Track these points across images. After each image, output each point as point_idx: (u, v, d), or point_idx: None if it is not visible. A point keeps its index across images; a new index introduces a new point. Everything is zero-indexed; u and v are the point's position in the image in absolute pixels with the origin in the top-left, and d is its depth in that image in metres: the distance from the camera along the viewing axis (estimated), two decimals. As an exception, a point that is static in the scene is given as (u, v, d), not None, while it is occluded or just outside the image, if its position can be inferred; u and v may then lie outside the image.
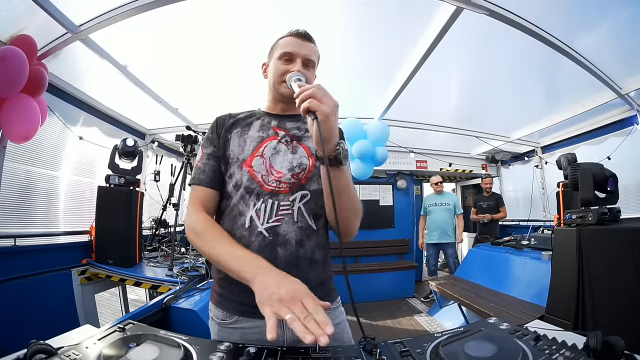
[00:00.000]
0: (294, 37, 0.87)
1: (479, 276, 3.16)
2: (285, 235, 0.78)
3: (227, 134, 0.87)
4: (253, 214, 0.79)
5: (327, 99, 0.65)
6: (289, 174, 0.81)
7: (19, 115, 1.92)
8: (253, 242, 0.77)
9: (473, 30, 2.15)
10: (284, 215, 0.79)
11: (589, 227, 1.78)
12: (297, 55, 0.85)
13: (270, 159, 0.82)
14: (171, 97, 3.09)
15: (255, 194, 0.80)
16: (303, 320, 0.51)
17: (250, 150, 0.83)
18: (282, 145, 0.85)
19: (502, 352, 0.54)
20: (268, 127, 0.88)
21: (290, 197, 0.80)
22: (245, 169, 0.81)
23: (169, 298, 1.76)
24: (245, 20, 2.12)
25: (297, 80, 0.76)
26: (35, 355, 0.49)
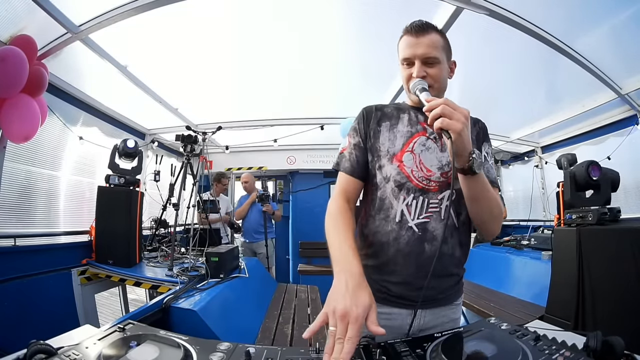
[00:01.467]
0: (407, 35, 0.84)
1: (479, 276, 3.16)
2: (433, 232, 0.82)
3: (376, 126, 0.89)
4: (404, 208, 0.83)
5: (457, 114, 0.66)
6: (439, 173, 0.84)
7: (19, 115, 1.92)
8: (403, 236, 0.82)
9: (473, 31, 2.14)
10: (433, 213, 0.82)
11: (589, 227, 1.78)
12: (414, 58, 0.82)
13: (420, 155, 0.84)
14: (171, 97, 3.09)
15: (406, 188, 0.83)
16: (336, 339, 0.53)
17: (401, 145, 0.86)
18: (430, 142, 0.86)
19: (502, 352, 0.54)
20: (416, 122, 0.88)
21: (439, 195, 0.83)
22: (395, 163, 0.84)
23: (169, 298, 1.75)
24: (245, 20, 2.12)
25: (422, 90, 0.76)
26: (35, 355, 0.49)
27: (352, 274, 0.64)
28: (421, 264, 0.81)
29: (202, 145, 2.96)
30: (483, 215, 0.80)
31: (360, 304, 0.58)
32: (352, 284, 0.62)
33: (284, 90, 3.15)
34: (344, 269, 0.65)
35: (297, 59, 2.61)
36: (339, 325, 0.55)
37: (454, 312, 0.89)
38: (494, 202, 0.79)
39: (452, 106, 0.67)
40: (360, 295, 0.60)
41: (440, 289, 0.85)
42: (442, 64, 0.84)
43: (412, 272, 0.81)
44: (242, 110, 3.51)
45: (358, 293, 0.61)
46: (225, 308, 1.94)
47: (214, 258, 2.21)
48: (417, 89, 0.77)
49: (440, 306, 0.85)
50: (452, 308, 0.88)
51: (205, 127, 3.45)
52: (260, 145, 4.58)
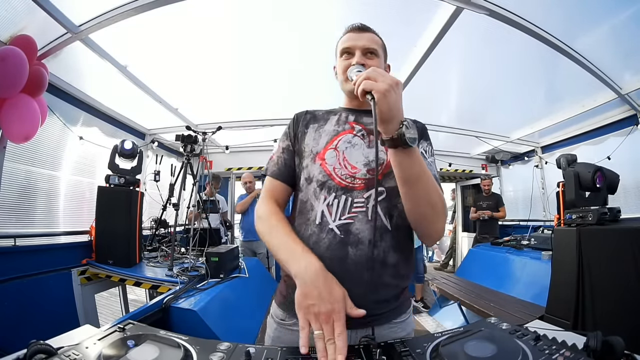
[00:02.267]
0: (349, 32, 0.87)
1: (479, 276, 3.16)
2: (357, 235, 0.73)
3: (304, 128, 0.87)
4: (324, 208, 0.76)
5: (383, 77, 0.60)
6: (365, 169, 0.77)
7: (19, 115, 1.92)
8: (323, 240, 0.74)
9: (473, 30, 2.14)
10: (358, 213, 0.74)
11: (589, 227, 1.78)
12: (355, 48, 0.83)
13: (344, 152, 0.79)
14: (171, 97, 3.09)
15: (327, 187, 0.77)
16: (326, 341, 0.53)
17: (324, 143, 0.82)
18: (357, 138, 0.81)
19: (502, 352, 0.54)
20: (345, 122, 0.86)
21: (364, 193, 0.75)
22: (318, 161, 0.80)
23: (169, 298, 1.75)
24: (245, 20, 2.12)
25: (357, 72, 0.72)
26: (35, 355, 0.49)
27: (316, 270, 0.62)
28: (346, 270, 0.69)
29: (202, 145, 2.96)
30: (421, 206, 0.68)
31: (338, 299, 0.58)
32: (320, 282, 0.60)
33: (284, 90, 3.15)
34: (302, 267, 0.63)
35: (297, 59, 2.61)
36: (325, 327, 0.54)
37: (394, 332, 0.75)
38: (434, 190, 0.68)
39: (379, 71, 0.62)
40: (333, 288, 0.60)
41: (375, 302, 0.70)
42: (380, 59, 0.85)
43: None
44: (242, 110, 3.51)
45: (331, 288, 0.60)
46: (225, 308, 1.94)
47: (214, 258, 2.21)
48: (354, 72, 0.73)
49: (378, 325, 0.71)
50: (393, 327, 0.75)
51: (205, 127, 3.45)
52: (260, 145, 4.58)
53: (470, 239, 4.83)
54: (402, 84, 0.63)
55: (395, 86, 0.60)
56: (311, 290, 0.59)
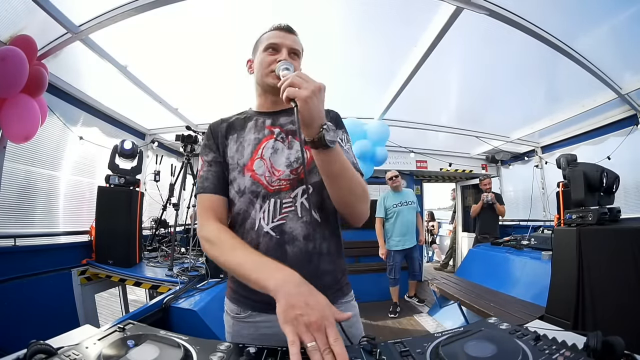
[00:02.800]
0: (277, 30, 0.88)
1: (479, 276, 3.16)
2: (291, 233, 0.78)
3: (224, 140, 0.87)
4: (260, 215, 0.79)
5: (307, 83, 0.64)
6: (288, 170, 0.81)
7: (19, 115, 1.92)
8: (261, 243, 0.78)
9: (473, 30, 2.15)
10: (288, 213, 0.79)
11: (589, 227, 1.78)
12: (282, 46, 0.85)
13: (270, 159, 0.82)
14: (171, 97, 3.09)
15: (262, 196, 0.80)
16: (322, 352, 0.50)
17: (250, 153, 0.83)
18: (278, 143, 0.84)
19: (502, 352, 0.54)
20: (263, 127, 0.87)
21: (291, 193, 0.80)
22: (247, 173, 0.81)
23: (169, 298, 1.76)
24: (245, 20, 2.12)
25: (284, 70, 0.75)
26: (35, 355, 0.49)
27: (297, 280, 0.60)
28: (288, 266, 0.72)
29: (202, 145, 2.96)
30: (345, 196, 0.76)
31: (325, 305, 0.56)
32: (305, 290, 0.59)
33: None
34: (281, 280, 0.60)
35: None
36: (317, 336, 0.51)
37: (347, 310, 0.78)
38: (355, 180, 0.75)
39: (304, 77, 0.65)
40: (318, 296, 0.58)
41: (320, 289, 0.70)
42: (300, 61, 0.90)
43: None
44: (242, 110, 3.50)
45: (316, 296, 0.58)
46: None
47: (214, 258, 2.21)
48: (282, 68, 0.76)
49: None
50: (339, 307, 0.80)
51: (205, 127, 3.44)
52: (260, 145, 4.57)
53: (470, 239, 4.83)
54: (324, 88, 0.66)
55: (317, 92, 0.64)
56: (297, 300, 0.56)
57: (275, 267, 0.64)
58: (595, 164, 1.99)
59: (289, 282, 0.60)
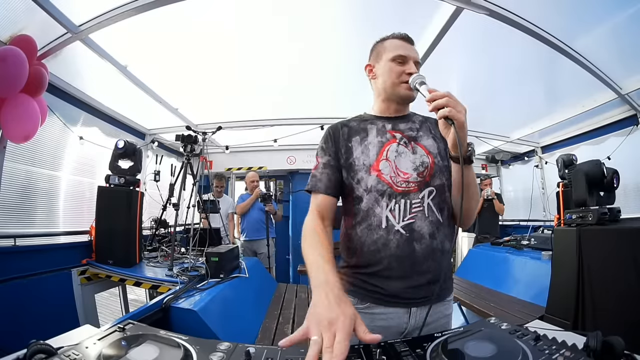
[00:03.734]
0: (401, 40, 0.94)
1: (479, 276, 3.16)
2: (420, 231, 0.84)
3: (346, 142, 0.93)
4: (388, 214, 0.85)
5: (460, 107, 0.73)
6: (415, 174, 0.87)
7: (19, 115, 1.92)
8: (392, 240, 0.84)
9: (473, 30, 2.15)
10: (417, 212, 0.85)
11: (589, 227, 1.78)
12: (409, 58, 0.91)
13: (394, 161, 0.89)
14: (171, 97, 3.09)
15: (387, 195, 0.86)
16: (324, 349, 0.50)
17: (375, 155, 0.89)
18: (402, 147, 0.91)
19: (502, 352, 0.54)
20: (384, 131, 0.93)
21: (419, 195, 0.86)
22: (373, 173, 0.87)
23: (169, 298, 1.75)
24: (245, 20, 2.12)
25: (421, 84, 0.83)
26: (35, 355, 0.49)
27: (331, 287, 0.63)
28: (415, 262, 0.83)
29: (202, 145, 2.96)
30: (471, 202, 0.85)
31: (344, 313, 0.56)
32: (332, 296, 0.60)
33: (284, 90, 3.15)
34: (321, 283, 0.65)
35: (297, 59, 2.61)
36: (325, 334, 0.52)
37: (446, 309, 0.91)
38: (477, 191, 0.88)
39: (454, 99, 0.74)
40: (343, 305, 0.59)
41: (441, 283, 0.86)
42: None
43: (408, 273, 0.83)
44: (242, 110, 3.51)
45: (340, 303, 0.59)
46: (225, 308, 1.94)
47: (214, 258, 2.21)
48: (417, 82, 0.84)
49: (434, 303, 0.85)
50: (445, 304, 0.90)
51: (205, 127, 3.45)
52: (260, 145, 4.58)
53: (471, 239, 4.83)
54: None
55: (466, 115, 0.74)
56: (321, 300, 0.59)
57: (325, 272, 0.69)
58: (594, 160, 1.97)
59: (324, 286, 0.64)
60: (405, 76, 0.89)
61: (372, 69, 0.98)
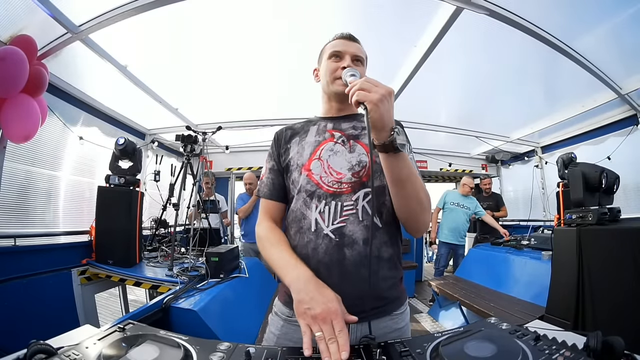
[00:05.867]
0: (340, 39, 0.93)
1: (479, 276, 3.16)
2: (351, 236, 0.77)
3: (286, 145, 0.91)
4: (317, 216, 0.80)
5: (376, 87, 0.64)
6: (349, 174, 0.81)
7: (19, 115, 1.92)
8: (320, 245, 0.78)
9: (473, 30, 2.14)
10: (349, 216, 0.78)
11: (589, 227, 1.78)
12: (345, 53, 0.89)
13: (327, 160, 0.84)
14: (171, 97, 3.09)
15: (317, 196, 0.81)
16: (327, 341, 0.54)
17: (308, 154, 0.86)
18: (339, 145, 0.86)
19: (502, 352, 0.54)
20: (324, 131, 0.89)
21: (352, 196, 0.79)
22: (304, 173, 0.84)
23: (169, 298, 1.75)
24: (245, 21, 2.12)
25: (351, 76, 0.76)
26: (35, 355, 0.49)
27: (306, 278, 0.66)
28: (345, 270, 0.75)
29: (202, 145, 2.96)
30: (410, 203, 0.74)
31: (331, 299, 0.61)
32: (312, 286, 0.64)
33: (284, 90, 3.15)
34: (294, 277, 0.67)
35: (297, 59, 2.61)
36: (323, 327, 0.56)
37: (395, 323, 0.81)
38: (422, 187, 0.74)
39: (373, 82, 0.65)
40: (325, 292, 0.63)
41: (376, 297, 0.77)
42: (364, 67, 0.93)
43: (337, 282, 0.72)
44: (242, 110, 3.51)
45: (322, 291, 0.63)
46: (225, 308, 1.94)
47: (214, 258, 2.21)
48: (348, 74, 0.77)
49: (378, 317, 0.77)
50: (393, 318, 0.80)
51: (205, 127, 3.45)
52: (260, 145, 4.58)
53: (471, 239, 4.83)
54: (394, 92, 0.66)
55: (387, 96, 0.64)
56: (304, 295, 0.62)
57: (293, 264, 0.71)
58: (595, 165, 1.98)
59: (299, 279, 0.66)
60: (340, 71, 0.85)
61: (317, 72, 0.97)
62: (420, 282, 5.12)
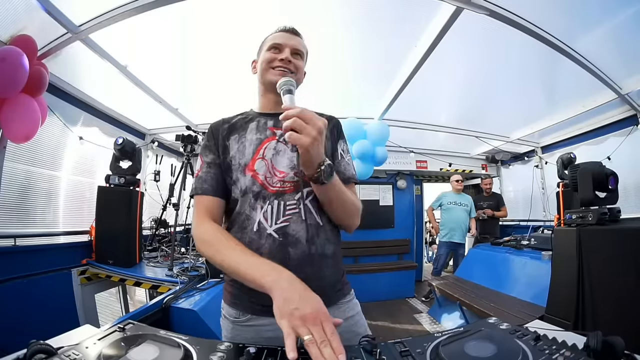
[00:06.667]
0: (282, 32, 0.91)
1: (479, 276, 3.16)
2: (295, 235, 0.77)
3: (225, 141, 0.86)
4: (261, 217, 0.78)
5: (308, 128, 0.64)
6: (292, 173, 0.80)
7: (19, 115, 1.92)
8: (263, 245, 0.77)
9: (473, 30, 2.15)
10: (292, 215, 0.78)
11: (589, 227, 1.78)
12: (285, 46, 0.87)
13: (271, 159, 0.82)
14: (171, 97, 3.09)
15: (262, 197, 0.79)
16: (320, 344, 0.50)
17: (251, 153, 0.83)
18: (281, 144, 0.84)
19: (502, 352, 0.54)
20: (265, 128, 0.87)
21: (295, 195, 0.79)
22: (248, 173, 0.81)
23: (169, 298, 1.75)
24: (245, 21, 2.12)
25: (286, 92, 0.74)
26: (35, 355, 0.49)
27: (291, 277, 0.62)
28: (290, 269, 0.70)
29: (202, 145, 2.96)
30: (338, 216, 0.82)
31: (318, 301, 0.58)
32: (299, 286, 0.60)
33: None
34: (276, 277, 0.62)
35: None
36: (314, 330, 0.52)
37: (347, 310, 0.84)
38: (348, 203, 0.81)
39: (305, 118, 0.65)
40: (311, 295, 0.60)
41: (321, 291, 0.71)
42: (303, 62, 0.92)
43: None
44: (242, 110, 3.50)
45: (309, 293, 0.60)
46: (225, 308, 1.94)
47: (214, 258, 2.21)
48: (284, 89, 0.75)
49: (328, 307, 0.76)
50: (342, 306, 0.84)
51: (205, 127, 3.44)
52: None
53: (470, 239, 4.83)
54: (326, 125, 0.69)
55: (318, 137, 0.66)
56: (292, 294, 0.58)
57: (270, 266, 0.66)
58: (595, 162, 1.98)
59: (283, 279, 0.62)
60: (278, 62, 0.84)
61: (255, 64, 0.94)
62: (420, 282, 5.12)
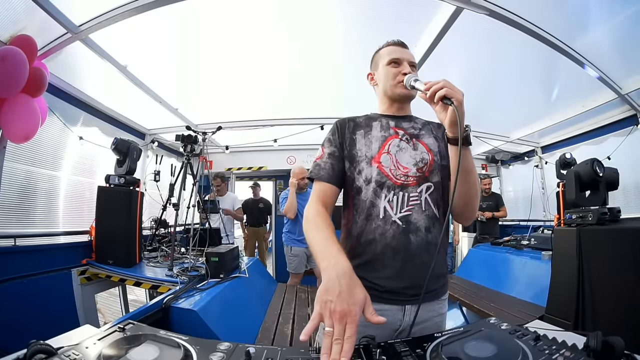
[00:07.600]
0: (395, 45, 1.02)
1: (479, 276, 3.16)
2: (416, 223, 0.86)
3: (351, 135, 0.96)
4: (386, 204, 0.87)
5: (457, 88, 0.76)
6: (414, 169, 0.90)
7: (19, 115, 1.92)
8: (388, 230, 0.86)
9: (473, 30, 2.15)
10: (414, 205, 0.87)
11: (589, 227, 1.78)
12: (403, 60, 0.97)
13: (395, 155, 0.92)
14: (171, 97, 3.09)
15: (386, 186, 0.88)
16: (334, 340, 0.53)
17: (377, 148, 0.93)
18: (403, 142, 0.94)
19: (502, 352, 0.54)
20: (388, 127, 0.97)
21: (417, 189, 0.89)
22: (374, 164, 0.90)
23: (169, 298, 1.75)
24: (245, 21, 2.12)
25: (415, 80, 0.88)
26: (35, 355, 0.49)
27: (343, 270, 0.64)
28: (411, 253, 0.85)
29: (202, 145, 2.96)
30: (470, 191, 0.86)
31: (356, 302, 0.59)
32: (344, 281, 0.62)
33: (284, 90, 3.15)
34: (332, 265, 0.65)
35: (297, 59, 2.61)
36: (337, 326, 0.54)
37: (441, 307, 0.91)
38: (478, 179, 0.89)
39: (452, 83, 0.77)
40: (356, 292, 0.61)
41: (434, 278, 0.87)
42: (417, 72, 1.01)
43: (402, 265, 0.84)
44: (242, 110, 3.51)
45: (353, 290, 0.61)
46: (225, 308, 1.94)
47: (214, 258, 2.21)
48: (412, 79, 0.89)
49: (429, 301, 0.87)
50: (440, 303, 0.91)
51: (205, 127, 3.45)
52: (260, 145, 4.58)
53: (470, 239, 4.83)
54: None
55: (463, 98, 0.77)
56: (334, 286, 0.60)
57: (335, 253, 0.70)
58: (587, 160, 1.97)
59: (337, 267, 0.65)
60: (401, 76, 0.94)
61: (373, 76, 1.06)
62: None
